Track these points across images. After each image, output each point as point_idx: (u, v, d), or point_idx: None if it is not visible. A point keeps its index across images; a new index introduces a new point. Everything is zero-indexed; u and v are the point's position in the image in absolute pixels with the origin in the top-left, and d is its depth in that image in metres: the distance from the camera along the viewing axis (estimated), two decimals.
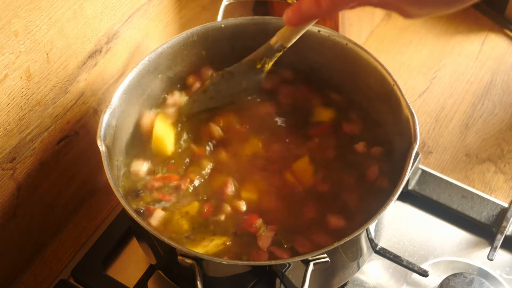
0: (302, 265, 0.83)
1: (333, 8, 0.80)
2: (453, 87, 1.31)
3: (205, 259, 0.83)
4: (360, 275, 1.04)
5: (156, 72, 1.05)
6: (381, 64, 1.00)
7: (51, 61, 0.97)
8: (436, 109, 1.27)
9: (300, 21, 0.85)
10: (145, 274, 1.03)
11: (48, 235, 1.11)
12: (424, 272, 1.01)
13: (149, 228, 0.86)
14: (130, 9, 1.08)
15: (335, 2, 0.79)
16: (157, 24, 1.16)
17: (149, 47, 1.15)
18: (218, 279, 0.90)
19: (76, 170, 1.11)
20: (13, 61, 0.90)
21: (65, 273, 1.06)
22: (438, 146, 1.22)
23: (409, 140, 0.92)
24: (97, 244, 1.07)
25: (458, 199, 1.10)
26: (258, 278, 0.87)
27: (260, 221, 0.93)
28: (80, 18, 0.99)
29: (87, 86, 1.06)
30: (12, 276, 1.07)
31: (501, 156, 1.20)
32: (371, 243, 0.95)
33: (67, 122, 1.05)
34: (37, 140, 1.00)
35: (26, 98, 0.95)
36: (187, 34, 1.06)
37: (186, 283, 0.95)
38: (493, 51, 1.35)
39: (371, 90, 1.04)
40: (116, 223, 1.09)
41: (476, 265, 1.04)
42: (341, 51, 1.05)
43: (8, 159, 0.96)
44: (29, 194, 1.03)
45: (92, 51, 1.04)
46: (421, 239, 1.08)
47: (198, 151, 1.01)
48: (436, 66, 1.34)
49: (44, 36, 0.94)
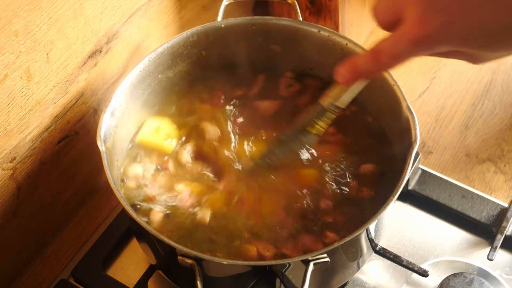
0: (302, 265, 0.83)
1: (394, 63, 0.71)
2: (453, 87, 1.31)
3: (205, 259, 0.83)
4: (360, 275, 1.04)
5: (156, 72, 1.05)
6: None
7: (51, 61, 0.97)
8: (436, 109, 1.27)
9: (356, 79, 0.78)
10: (145, 274, 1.03)
11: (48, 235, 1.11)
12: (424, 272, 1.01)
13: (149, 228, 0.86)
14: (130, 9, 1.08)
15: (396, 57, 0.70)
16: (157, 24, 1.16)
17: (149, 47, 1.15)
18: (218, 279, 0.90)
19: (76, 170, 1.11)
20: (13, 61, 0.90)
21: (65, 273, 1.06)
22: (438, 146, 1.22)
23: (409, 140, 0.92)
24: (97, 244, 1.07)
25: (458, 199, 1.10)
26: (258, 278, 0.87)
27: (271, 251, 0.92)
28: (80, 18, 0.99)
29: (87, 86, 1.06)
30: (12, 276, 1.07)
31: (501, 156, 1.20)
32: (371, 243, 0.95)
33: (67, 122, 1.05)
34: (37, 140, 1.00)
35: (26, 98, 0.95)
36: (187, 34, 1.06)
37: (186, 283, 0.95)
38: None
39: (371, 90, 1.04)
40: (116, 223, 1.09)
41: (476, 265, 1.04)
42: (341, 51, 1.05)
43: (8, 159, 0.96)
44: (29, 194, 1.03)
45: (92, 51, 1.04)
46: (421, 239, 1.08)
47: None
48: (436, 66, 1.34)
49: (44, 36, 0.94)
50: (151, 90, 1.06)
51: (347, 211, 0.96)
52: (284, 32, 1.08)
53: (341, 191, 0.97)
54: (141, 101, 1.05)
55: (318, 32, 1.05)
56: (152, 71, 1.04)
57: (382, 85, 1.00)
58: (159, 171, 1.00)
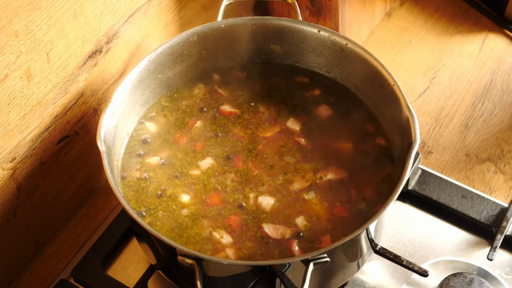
0: (302, 265, 0.83)
1: None
2: (453, 87, 1.31)
3: (205, 259, 0.83)
4: (360, 275, 1.04)
5: (156, 72, 1.05)
6: (381, 64, 1.00)
7: (51, 61, 0.97)
8: (436, 109, 1.27)
9: None
10: (145, 274, 1.03)
11: (48, 235, 1.11)
12: (424, 272, 1.01)
13: (149, 228, 0.86)
14: (130, 9, 1.08)
15: None
16: (157, 24, 1.16)
17: (149, 47, 1.15)
18: (218, 279, 0.90)
19: (76, 170, 1.11)
20: (13, 61, 0.90)
21: (65, 273, 1.06)
22: (438, 146, 1.22)
23: (409, 140, 0.92)
24: (97, 244, 1.07)
25: (458, 199, 1.10)
26: (258, 278, 0.87)
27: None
28: (80, 18, 0.99)
29: (87, 86, 1.06)
30: (12, 276, 1.07)
31: (501, 156, 1.20)
32: (371, 243, 0.95)
33: (67, 122, 1.05)
34: (37, 140, 1.00)
35: (26, 98, 0.95)
36: (187, 34, 1.06)
37: (186, 283, 0.95)
38: (493, 51, 1.35)
39: (371, 90, 1.04)
40: (116, 223, 1.09)
41: (476, 265, 1.04)
42: (341, 51, 1.05)
43: (8, 159, 0.96)
44: (29, 194, 1.03)
45: (92, 51, 1.04)
46: (421, 239, 1.08)
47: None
48: (436, 66, 1.34)
49: (44, 36, 0.94)
50: (151, 90, 1.06)
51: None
52: (284, 32, 1.08)
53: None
54: (141, 101, 1.05)
55: (318, 32, 1.05)
56: (152, 71, 1.04)
57: (382, 85, 1.00)
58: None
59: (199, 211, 0.96)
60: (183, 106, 1.08)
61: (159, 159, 1.02)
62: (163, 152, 1.03)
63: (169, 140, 1.04)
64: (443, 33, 1.39)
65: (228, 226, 0.95)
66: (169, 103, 1.08)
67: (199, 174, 1.00)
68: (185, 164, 1.01)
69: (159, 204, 0.97)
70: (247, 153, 1.02)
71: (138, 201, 0.97)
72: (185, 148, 1.03)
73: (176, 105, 1.08)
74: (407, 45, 1.37)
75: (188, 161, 1.02)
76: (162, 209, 0.97)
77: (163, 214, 0.96)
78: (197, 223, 0.95)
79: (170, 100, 1.09)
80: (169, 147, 1.03)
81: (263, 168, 1.00)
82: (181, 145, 1.04)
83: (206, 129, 1.06)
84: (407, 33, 1.39)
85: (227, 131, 1.05)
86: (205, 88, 1.10)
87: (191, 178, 1.00)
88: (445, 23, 1.40)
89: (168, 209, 0.97)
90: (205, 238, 0.94)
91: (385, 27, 1.41)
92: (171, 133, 1.05)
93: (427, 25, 1.40)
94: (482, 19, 1.40)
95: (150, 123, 1.06)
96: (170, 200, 0.97)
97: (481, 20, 1.40)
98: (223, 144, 1.04)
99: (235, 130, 1.05)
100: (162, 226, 0.95)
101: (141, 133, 1.05)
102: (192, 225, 0.95)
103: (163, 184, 0.99)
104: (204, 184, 0.99)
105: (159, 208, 0.97)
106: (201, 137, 1.05)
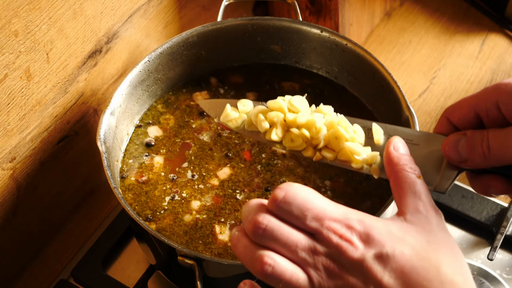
0: None
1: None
2: (453, 87, 1.31)
3: (205, 259, 0.83)
4: None
5: (156, 72, 1.05)
6: (381, 64, 1.00)
7: (51, 61, 0.97)
8: (436, 109, 1.27)
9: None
10: (145, 274, 1.03)
11: (48, 235, 1.11)
12: None
13: (149, 228, 0.86)
14: (130, 9, 1.08)
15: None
16: (157, 24, 1.16)
17: (149, 47, 1.15)
18: (218, 279, 0.90)
19: (76, 170, 1.11)
20: (13, 61, 0.90)
21: (65, 273, 1.06)
22: None
23: None
24: (97, 244, 1.07)
25: (458, 199, 1.10)
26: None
27: None
28: (80, 18, 0.99)
29: (87, 86, 1.06)
30: (12, 276, 1.07)
31: None
32: None
33: (67, 122, 1.05)
34: (37, 140, 1.00)
35: (26, 98, 0.95)
36: (187, 34, 1.06)
37: (186, 283, 0.95)
38: (493, 51, 1.35)
39: (371, 90, 1.04)
40: (116, 223, 1.09)
41: (476, 265, 1.04)
42: (341, 51, 1.05)
43: (8, 159, 0.96)
44: (29, 194, 1.03)
45: (92, 51, 1.04)
46: None
47: None
48: (436, 66, 1.34)
49: (44, 36, 0.94)
50: (151, 90, 1.06)
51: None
52: (284, 32, 1.08)
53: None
54: (141, 101, 1.05)
55: (318, 32, 1.05)
56: (152, 71, 1.04)
57: (382, 85, 1.00)
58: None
59: (202, 212, 0.96)
60: (183, 106, 1.08)
61: (159, 159, 1.02)
62: (163, 153, 1.03)
63: (169, 141, 1.04)
64: (443, 33, 1.38)
65: (230, 226, 0.95)
66: (169, 103, 1.08)
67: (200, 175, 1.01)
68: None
69: (159, 204, 0.97)
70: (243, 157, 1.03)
71: (137, 201, 0.97)
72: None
73: (176, 105, 1.08)
74: (407, 45, 1.37)
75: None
76: (165, 210, 0.97)
77: (165, 214, 0.96)
78: (198, 223, 0.95)
79: (170, 100, 1.09)
80: (169, 147, 1.03)
81: (262, 171, 1.00)
82: (181, 145, 1.04)
83: (206, 129, 1.06)
84: (407, 33, 1.39)
85: (227, 132, 1.05)
86: (205, 88, 1.10)
87: (192, 179, 1.00)
88: (445, 23, 1.40)
89: (173, 211, 0.97)
90: (207, 237, 0.94)
91: (385, 27, 1.41)
92: (171, 133, 1.05)
93: (427, 25, 1.40)
94: (482, 19, 1.40)
95: (150, 124, 1.06)
96: (171, 202, 0.98)
97: (481, 19, 1.40)
98: (223, 144, 1.04)
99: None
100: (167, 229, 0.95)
101: (141, 133, 1.05)
102: (193, 225, 0.95)
103: (163, 185, 0.99)
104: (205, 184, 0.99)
105: (159, 209, 0.97)
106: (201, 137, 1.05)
